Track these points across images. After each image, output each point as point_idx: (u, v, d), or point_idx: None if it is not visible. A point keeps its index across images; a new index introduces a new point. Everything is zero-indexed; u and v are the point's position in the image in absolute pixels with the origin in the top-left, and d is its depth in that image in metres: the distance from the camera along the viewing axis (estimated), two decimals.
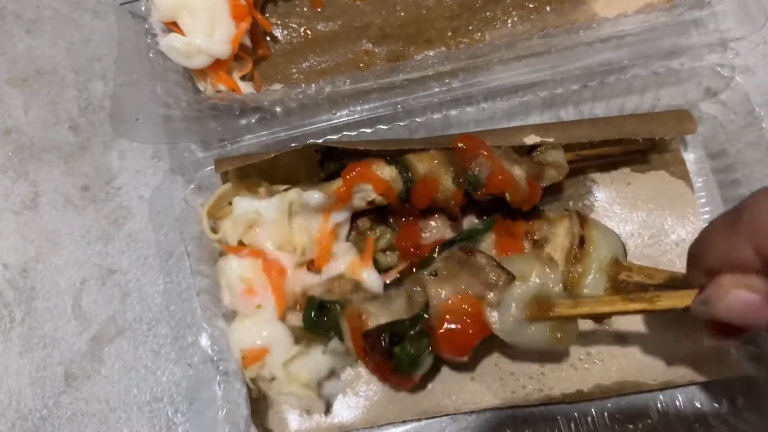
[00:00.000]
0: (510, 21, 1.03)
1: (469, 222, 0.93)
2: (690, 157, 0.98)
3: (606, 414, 0.89)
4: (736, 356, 0.87)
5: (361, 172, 0.85)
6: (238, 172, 0.90)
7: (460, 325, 0.78)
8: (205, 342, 0.87)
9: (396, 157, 0.86)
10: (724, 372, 0.87)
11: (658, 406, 0.89)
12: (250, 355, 0.85)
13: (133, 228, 1.06)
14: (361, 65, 1.03)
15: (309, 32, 1.06)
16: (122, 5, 0.97)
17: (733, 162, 0.93)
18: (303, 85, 0.94)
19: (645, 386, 0.88)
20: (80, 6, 1.17)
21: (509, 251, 0.86)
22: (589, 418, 0.89)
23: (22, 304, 1.03)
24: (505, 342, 0.78)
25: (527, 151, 0.90)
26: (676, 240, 0.93)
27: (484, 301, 0.78)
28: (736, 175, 0.93)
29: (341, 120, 0.94)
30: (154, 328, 1.01)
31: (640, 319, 0.89)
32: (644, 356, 0.88)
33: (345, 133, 0.95)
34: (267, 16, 1.06)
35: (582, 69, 0.93)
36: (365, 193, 0.86)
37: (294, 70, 1.05)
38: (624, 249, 0.87)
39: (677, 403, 0.89)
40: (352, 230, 0.93)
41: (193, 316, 0.88)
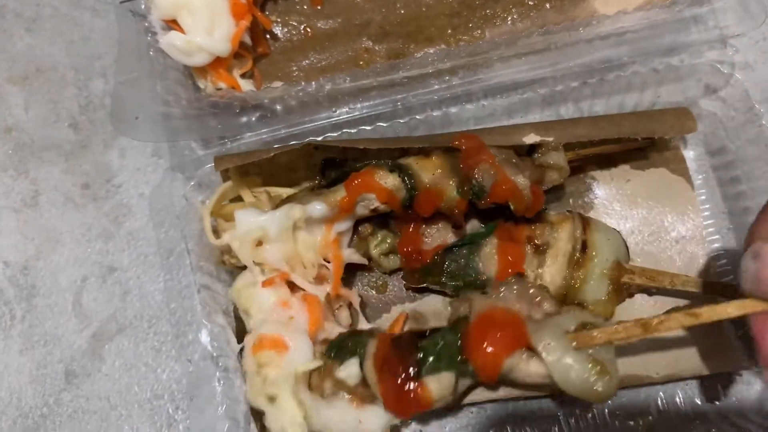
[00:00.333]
0: (510, 18, 1.03)
1: (471, 226, 0.93)
2: (690, 154, 0.98)
3: (606, 411, 0.89)
4: (737, 351, 0.87)
5: (363, 182, 0.84)
6: (238, 170, 0.90)
7: (498, 334, 0.75)
8: (205, 339, 0.87)
9: (398, 164, 0.85)
10: (726, 366, 0.87)
11: (659, 403, 0.89)
12: (268, 341, 0.82)
13: (134, 226, 1.06)
14: (361, 63, 1.04)
15: (309, 30, 1.06)
16: (122, 3, 0.97)
17: (733, 159, 0.93)
18: (303, 83, 0.94)
19: (648, 380, 0.88)
20: (80, 4, 1.17)
21: (511, 256, 0.85)
22: (590, 415, 0.89)
23: (23, 302, 1.04)
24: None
25: (527, 152, 0.90)
26: (676, 237, 0.93)
27: (528, 320, 0.76)
28: (736, 172, 0.93)
29: (341, 117, 0.94)
30: (155, 326, 1.01)
31: (642, 314, 0.88)
32: (647, 350, 0.88)
33: (345, 130, 0.95)
34: (267, 13, 1.06)
35: (582, 66, 0.93)
36: (368, 201, 0.85)
37: (294, 68, 1.05)
38: (626, 250, 0.87)
39: (677, 400, 0.89)
40: (354, 235, 0.93)
41: (193, 314, 0.88)
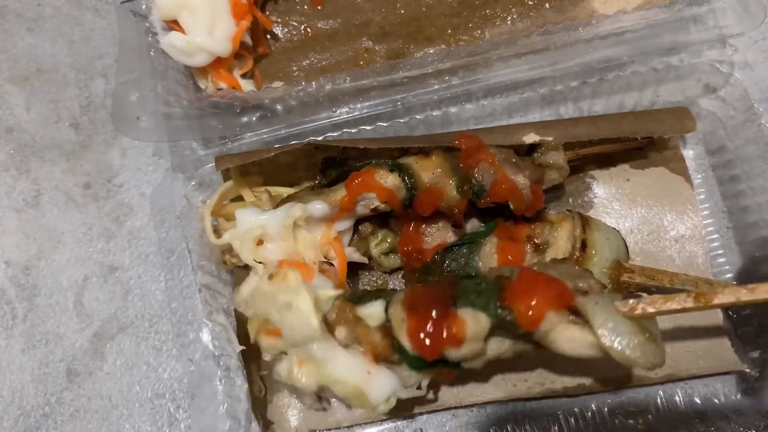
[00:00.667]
0: (509, 18, 1.03)
1: (471, 225, 0.93)
2: (689, 154, 0.98)
3: (606, 409, 0.89)
4: (735, 351, 0.88)
5: (364, 182, 0.84)
6: (239, 170, 0.90)
7: (544, 288, 0.71)
8: (206, 338, 0.87)
9: (399, 164, 0.85)
10: (724, 366, 0.88)
11: (658, 402, 0.90)
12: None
13: (135, 225, 1.06)
14: (361, 63, 1.04)
15: (309, 30, 1.06)
16: (123, 3, 0.98)
17: (733, 158, 0.93)
18: (303, 83, 0.94)
19: (647, 380, 0.88)
20: (81, 4, 1.18)
21: (511, 255, 0.86)
22: (589, 414, 0.89)
23: (25, 302, 1.04)
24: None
25: (527, 151, 0.90)
26: (675, 236, 0.94)
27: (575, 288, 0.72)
28: (736, 171, 0.93)
29: (341, 117, 0.94)
30: (156, 325, 1.01)
31: None
32: None
33: (345, 130, 0.95)
34: (267, 14, 1.06)
35: (581, 66, 0.94)
36: (369, 201, 0.85)
37: (294, 68, 1.05)
38: (626, 249, 0.87)
39: (677, 399, 0.90)
40: (355, 234, 0.93)
41: (194, 313, 0.88)
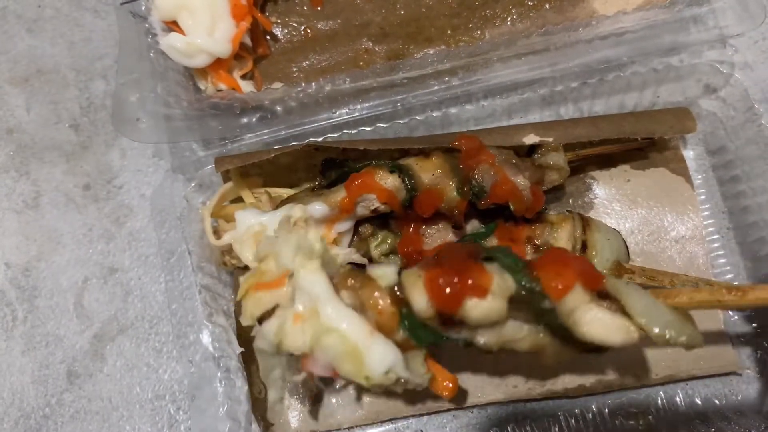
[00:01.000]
0: (509, 19, 1.03)
1: (471, 226, 0.92)
2: (690, 154, 0.98)
3: (607, 410, 0.89)
4: (735, 353, 0.88)
5: (363, 183, 0.84)
6: (239, 171, 0.90)
7: (574, 263, 0.72)
8: (206, 339, 0.87)
9: (399, 165, 0.85)
10: (725, 367, 0.88)
11: (659, 402, 0.89)
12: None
13: (135, 226, 1.06)
14: (361, 64, 1.04)
15: (309, 31, 1.06)
16: (123, 5, 0.98)
17: (733, 158, 0.93)
18: (303, 84, 0.94)
19: (647, 381, 0.88)
20: (81, 5, 1.18)
21: None
22: (590, 415, 0.89)
23: (25, 303, 1.04)
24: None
25: (527, 152, 0.90)
26: (675, 237, 0.93)
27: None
28: (736, 172, 0.93)
29: (341, 118, 0.94)
30: (156, 326, 1.01)
31: None
32: (646, 351, 0.88)
33: (345, 131, 0.95)
34: (267, 15, 1.06)
35: (581, 66, 0.94)
36: (369, 202, 0.85)
37: (294, 69, 1.05)
38: (626, 249, 0.87)
39: (677, 400, 0.89)
40: (355, 235, 0.92)
41: (194, 314, 0.88)
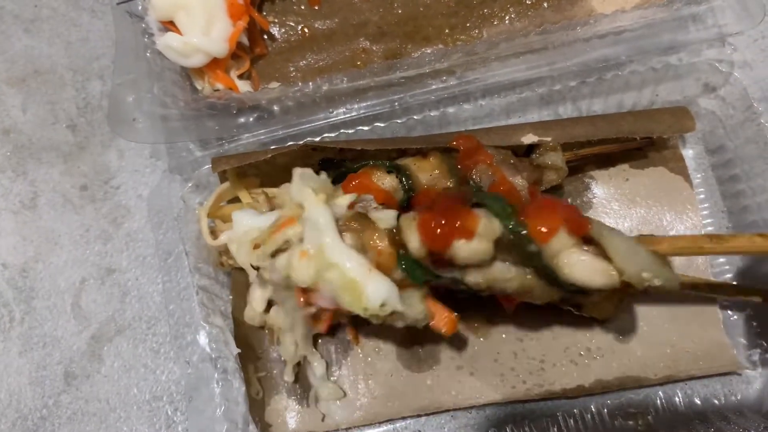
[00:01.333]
0: (507, 18, 1.03)
1: None
2: (689, 153, 0.98)
3: (606, 410, 0.89)
4: (735, 352, 0.87)
5: (361, 183, 0.83)
6: (236, 171, 0.90)
7: (560, 208, 0.74)
8: (203, 340, 0.87)
9: (396, 165, 0.85)
10: (724, 367, 0.87)
11: (658, 403, 0.89)
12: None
13: (132, 227, 1.06)
14: (359, 63, 1.03)
15: (306, 30, 1.06)
16: (119, 4, 0.98)
17: (732, 157, 0.93)
18: (300, 84, 0.94)
19: (646, 381, 0.88)
20: (78, 5, 1.17)
21: None
22: (589, 415, 0.89)
23: (22, 304, 1.04)
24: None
25: (525, 152, 0.89)
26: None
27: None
28: (735, 171, 0.93)
29: (339, 118, 0.94)
30: (154, 327, 1.01)
31: (641, 315, 0.89)
32: (645, 352, 0.88)
33: (342, 131, 0.95)
34: (264, 14, 1.06)
35: (580, 65, 0.93)
36: (366, 202, 0.84)
37: (291, 69, 1.05)
38: None
39: (676, 400, 0.89)
40: None
41: (191, 315, 0.88)
